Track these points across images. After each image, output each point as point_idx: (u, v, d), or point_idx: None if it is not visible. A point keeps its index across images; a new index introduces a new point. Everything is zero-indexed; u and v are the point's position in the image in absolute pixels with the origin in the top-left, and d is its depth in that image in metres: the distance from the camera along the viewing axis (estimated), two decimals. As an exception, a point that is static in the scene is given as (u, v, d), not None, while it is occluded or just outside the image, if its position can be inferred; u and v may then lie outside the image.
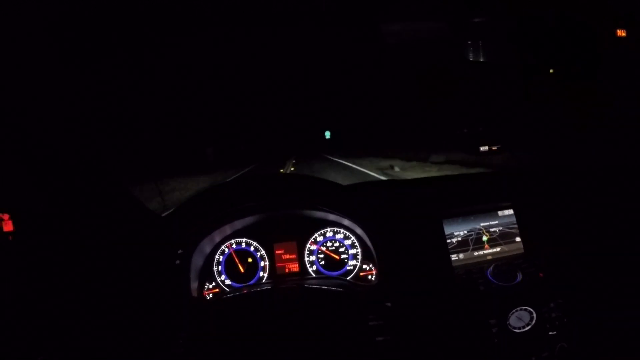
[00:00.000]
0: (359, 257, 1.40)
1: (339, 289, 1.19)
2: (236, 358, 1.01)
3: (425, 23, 1.50)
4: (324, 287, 1.20)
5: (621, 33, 1.32)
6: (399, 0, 1.38)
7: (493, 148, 1.40)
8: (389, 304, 1.13)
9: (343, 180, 1.51)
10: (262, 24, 1.37)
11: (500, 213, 1.38)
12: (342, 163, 15.18)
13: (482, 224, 1.36)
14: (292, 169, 14.61)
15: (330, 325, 1.07)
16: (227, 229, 1.38)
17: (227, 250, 1.39)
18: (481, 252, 1.34)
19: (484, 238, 1.35)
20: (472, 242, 1.34)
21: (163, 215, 1.32)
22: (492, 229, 1.37)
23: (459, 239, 1.33)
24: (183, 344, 1.04)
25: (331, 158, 18.98)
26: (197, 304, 1.29)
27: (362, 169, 11.68)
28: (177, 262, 1.27)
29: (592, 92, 1.55)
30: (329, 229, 1.40)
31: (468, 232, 1.35)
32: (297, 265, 1.39)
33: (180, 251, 1.28)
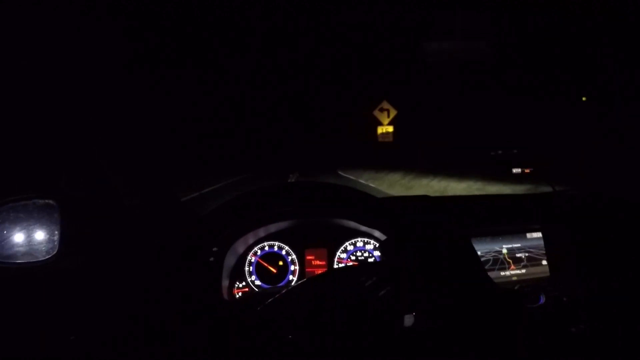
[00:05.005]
0: (387, 268, 1.43)
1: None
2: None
3: (464, 42, 1.52)
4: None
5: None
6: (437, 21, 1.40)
7: (526, 171, 1.42)
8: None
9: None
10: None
11: (528, 235, 1.41)
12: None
13: (509, 245, 1.39)
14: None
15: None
16: (261, 232, 1.43)
17: (259, 252, 1.44)
18: (507, 273, 1.37)
19: (511, 260, 1.38)
20: (499, 262, 1.37)
21: (202, 215, 1.37)
22: (519, 251, 1.39)
23: (485, 258, 1.36)
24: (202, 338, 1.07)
25: (345, 175, 15.88)
26: (225, 301, 1.34)
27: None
28: (211, 259, 1.33)
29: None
30: (359, 239, 1.44)
31: (495, 252, 1.37)
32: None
33: (215, 249, 1.33)
